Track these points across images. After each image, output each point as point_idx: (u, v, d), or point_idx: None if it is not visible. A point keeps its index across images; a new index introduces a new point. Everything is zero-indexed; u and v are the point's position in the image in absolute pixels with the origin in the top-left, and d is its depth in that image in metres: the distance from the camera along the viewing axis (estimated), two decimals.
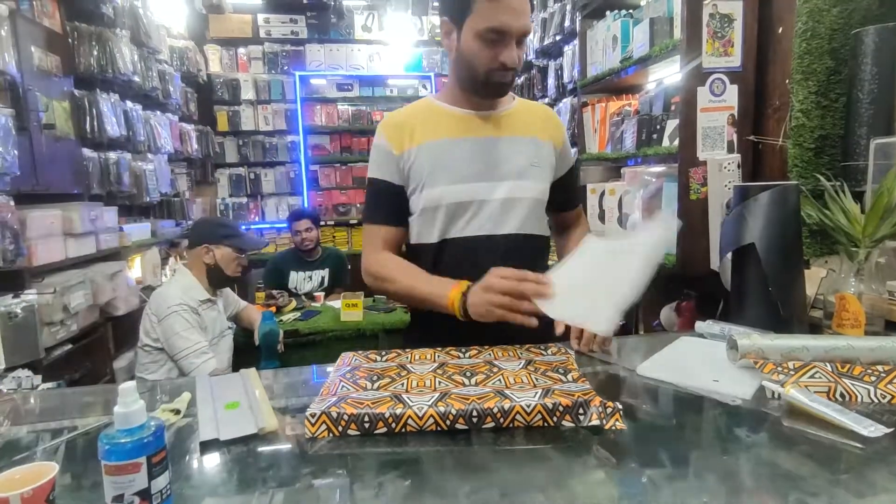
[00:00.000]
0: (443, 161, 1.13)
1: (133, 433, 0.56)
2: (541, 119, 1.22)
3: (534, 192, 1.16)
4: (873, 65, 1.21)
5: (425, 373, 0.91)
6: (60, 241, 2.17)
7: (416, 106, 1.22)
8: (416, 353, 1.01)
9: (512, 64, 1.05)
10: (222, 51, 4.93)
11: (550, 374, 0.89)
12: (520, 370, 0.91)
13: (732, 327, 1.12)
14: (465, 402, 0.77)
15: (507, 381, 0.86)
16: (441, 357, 1.00)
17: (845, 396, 0.84)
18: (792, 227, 1.10)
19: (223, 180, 5.00)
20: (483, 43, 1.04)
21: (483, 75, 1.08)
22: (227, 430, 0.77)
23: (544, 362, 0.94)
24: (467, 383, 0.86)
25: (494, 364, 0.94)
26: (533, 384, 0.84)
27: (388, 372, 0.92)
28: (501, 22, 1.02)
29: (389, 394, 0.82)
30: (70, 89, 2.56)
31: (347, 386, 0.87)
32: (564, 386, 0.82)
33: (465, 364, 0.95)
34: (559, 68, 3.29)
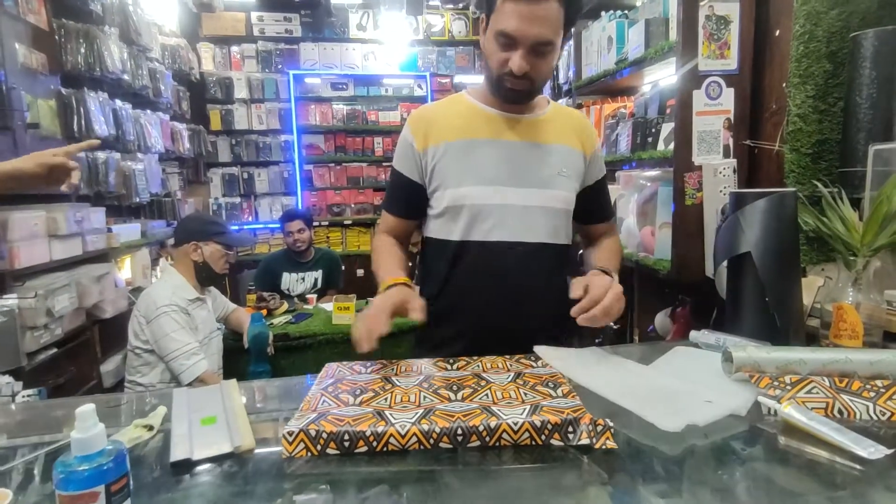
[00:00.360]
0: (469, 161, 1.12)
1: (91, 460, 0.53)
2: (573, 127, 1.19)
3: (560, 201, 1.15)
4: (872, 69, 1.18)
5: (410, 387, 0.89)
6: (45, 242, 2.13)
7: (450, 100, 1.21)
8: (402, 365, 0.99)
9: (518, 71, 1.02)
10: (215, 49, 4.88)
11: (540, 388, 0.86)
12: (508, 384, 0.88)
13: (727, 337, 1.09)
14: (449, 419, 0.74)
15: (495, 395, 0.84)
16: (428, 369, 0.97)
17: (843, 413, 0.81)
18: (789, 235, 1.07)
19: (216, 180, 4.94)
20: (497, 44, 1.03)
21: (496, 77, 1.07)
22: (201, 449, 0.73)
23: (534, 375, 0.92)
24: (453, 398, 0.83)
25: (482, 377, 0.92)
26: (521, 399, 0.81)
27: (372, 385, 0.90)
28: (513, 27, 0.99)
29: (372, 409, 0.79)
30: (57, 88, 2.51)
31: (328, 401, 0.84)
32: (554, 402, 0.80)
33: (452, 376, 0.93)
34: (554, 69, 3.26)
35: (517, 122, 1.15)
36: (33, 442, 0.81)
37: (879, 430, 0.77)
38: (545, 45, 1.02)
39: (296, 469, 0.70)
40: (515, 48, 1.01)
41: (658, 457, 0.71)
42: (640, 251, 1.69)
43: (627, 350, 1.23)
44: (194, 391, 0.95)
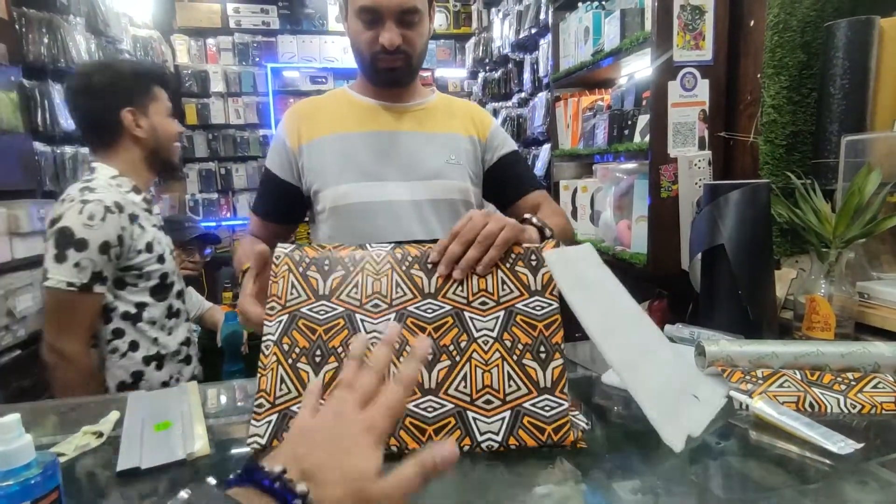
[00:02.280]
0: (349, 157, 1.03)
1: (16, 474, 0.49)
2: (461, 113, 1.13)
3: (453, 191, 1.07)
4: (845, 59, 1.18)
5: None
6: (6, 240, 2.05)
7: (330, 95, 1.13)
8: (368, 283, 0.74)
9: (391, 45, 0.95)
10: (190, 41, 4.76)
11: (528, 360, 0.70)
12: (492, 348, 0.70)
13: (701, 331, 1.08)
14: (421, 438, 0.66)
15: (475, 380, 0.68)
16: (400, 294, 0.73)
17: (815, 406, 0.81)
18: (762, 227, 1.06)
19: (192, 175, 4.83)
20: (362, 24, 0.96)
21: (369, 60, 1.00)
22: (151, 457, 0.69)
23: (527, 320, 0.71)
24: (426, 380, 0.69)
25: (464, 321, 0.71)
26: (503, 393, 0.68)
27: (334, 335, 0.71)
28: (369, 1, 0.93)
29: None
30: (18, 79, 2.41)
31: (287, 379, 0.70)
32: (538, 402, 0.68)
33: (428, 321, 0.71)
34: (535, 62, 3.24)
35: (399, 111, 1.07)
36: None
37: (851, 422, 0.76)
38: (412, 14, 0.96)
39: None
40: (381, 22, 0.95)
41: (632, 452, 0.69)
42: (617, 245, 1.68)
43: None
44: (152, 395, 0.91)
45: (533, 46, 3.31)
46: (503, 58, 3.88)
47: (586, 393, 0.90)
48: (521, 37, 3.35)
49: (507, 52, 3.67)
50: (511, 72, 3.77)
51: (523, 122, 3.49)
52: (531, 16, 3.20)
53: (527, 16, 3.27)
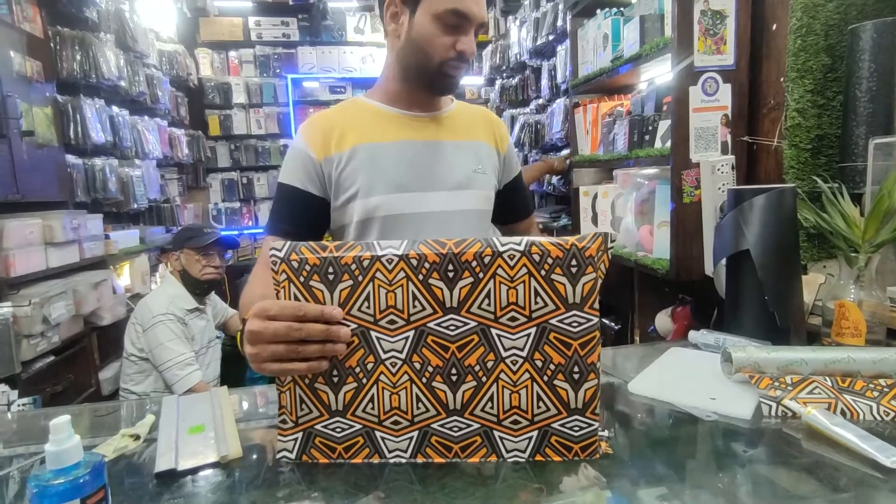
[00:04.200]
0: (378, 167, 1.00)
1: (66, 473, 0.51)
2: (483, 122, 1.12)
3: (481, 201, 1.07)
4: (871, 61, 1.16)
5: (398, 369, 0.67)
6: (41, 250, 2.12)
7: (343, 106, 1.08)
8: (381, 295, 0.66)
9: (471, 53, 0.95)
10: (213, 54, 4.88)
11: (560, 381, 0.65)
12: (521, 368, 0.65)
13: (727, 337, 1.07)
14: (447, 454, 0.67)
15: (502, 401, 0.66)
16: (418, 309, 0.66)
17: (846, 413, 0.79)
18: (789, 232, 1.05)
19: (215, 185, 4.95)
20: (441, 27, 0.94)
21: (437, 65, 0.96)
22: (187, 459, 0.72)
23: (561, 338, 0.65)
24: (451, 402, 0.66)
25: (491, 339, 0.66)
26: (531, 414, 0.66)
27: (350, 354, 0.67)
28: (466, 6, 0.92)
29: (360, 426, 0.68)
30: (52, 95, 2.51)
31: (307, 400, 0.68)
32: (567, 422, 0.66)
33: (451, 339, 0.66)
34: (552, 68, 3.24)
35: (424, 120, 1.05)
36: (20, 453, 0.79)
37: (884, 430, 0.75)
38: (482, 28, 0.97)
39: (285, 479, 0.69)
40: (463, 30, 0.94)
41: (656, 459, 0.69)
42: (639, 250, 1.67)
43: (626, 352, 1.21)
44: (185, 399, 0.94)
45: (550, 53, 3.31)
46: (520, 64, 3.89)
47: (610, 399, 0.90)
48: (538, 43, 3.36)
49: (525, 59, 3.68)
50: (528, 78, 3.78)
51: (541, 128, 3.50)
52: (548, 22, 3.21)
53: (544, 22, 3.28)
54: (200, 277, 2.15)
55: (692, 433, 0.78)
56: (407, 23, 0.97)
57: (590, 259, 0.63)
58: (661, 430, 0.81)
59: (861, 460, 0.66)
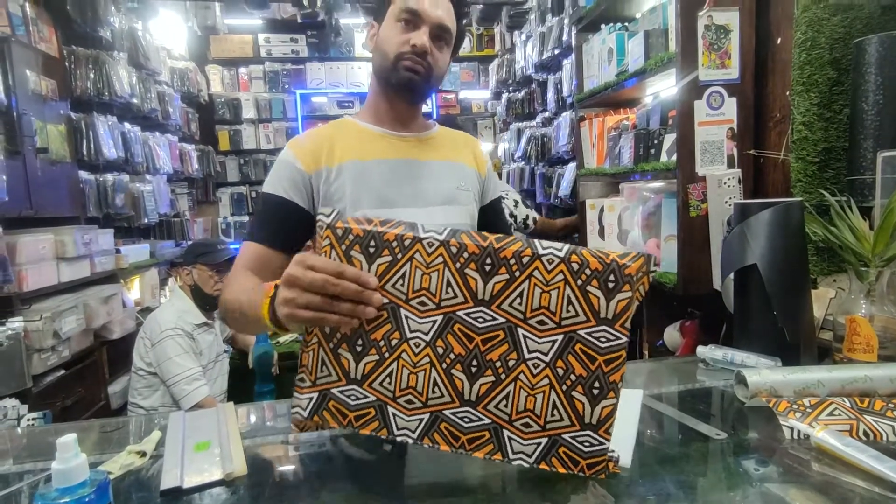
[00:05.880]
0: (367, 182, 1.04)
1: (72, 491, 0.52)
2: (464, 145, 1.18)
3: (465, 216, 1.10)
4: (877, 75, 1.16)
5: (421, 350, 0.67)
6: (53, 265, 2.15)
7: (333, 124, 1.13)
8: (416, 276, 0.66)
9: (422, 47, 0.99)
10: (223, 71, 4.97)
11: (578, 393, 0.64)
12: (542, 373, 0.65)
13: (735, 353, 1.06)
14: (453, 443, 0.66)
15: (517, 401, 0.65)
16: (450, 296, 0.66)
17: (869, 435, 0.77)
18: (796, 246, 1.04)
19: (225, 199, 5.00)
20: (399, 27, 1.01)
21: (393, 60, 1.01)
22: (192, 477, 0.72)
23: (587, 351, 0.64)
24: (467, 392, 0.66)
25: (517, 339, 0.65)
26: (544, 420, 0.65)
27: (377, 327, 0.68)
28: (416, 4, 1.00)
29: (374, 398, 0.67)
30: (66, 112, 2.56)
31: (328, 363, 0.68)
32: (578, 436, 0.65)
33: (478, 331, 0.66)
34: (558, 82, 3.27)
35: (408, 140, 1.10)
36: (28, 469, 0.80)
37: None
38: (445, 33, 1.02)
39: (289, 496, 0.69)
40: (417, 25, 1.00)
41: (666, 477, 0.68)
42: None
43: (635, 367, 1.20)
44: (191, 415, 0.94)
45: (556, 67, 3.34)
46: (526, 78, 3.92)
47: None
48: (544, 57, 3.39)
49: (531, 73, 3.71)
50: (535, 92, 3.80)
51: (547, 141, 3.51)
52: (554, 36, 3.24)
53: (549, 37, 3.31)
54: (212, 293, 2.16)
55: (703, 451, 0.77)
56: (377, 34, 1.05)
57: (628, 277, 0.62)
58: (669, 445, 0.80)
59: (875, 481, 0.65)
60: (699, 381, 1.06)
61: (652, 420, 0.86)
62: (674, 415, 0.87)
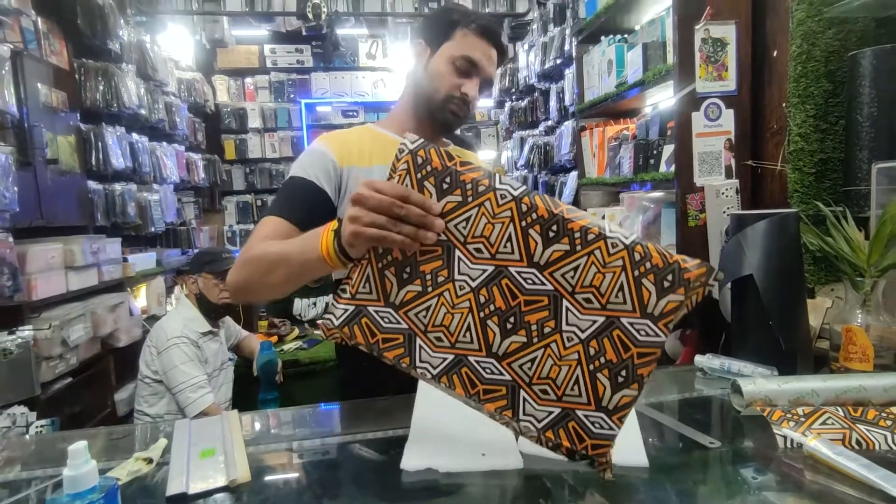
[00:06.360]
0: None
1: (82, 497, 0.54)
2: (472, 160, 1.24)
3: None
4: (871, 87, 1.17)
5: (463, 294, 0.68)
6: (61, 274, 2.19)
7: (359, 129, 1.15)
8: (480, 222, 0.67)
9: (472, 96, 1.06)
10: (230, 81, 5.03)
11: (603, 376, 0.65)
12: (573, 347, 0.65)
13: (732, 362, 1.07)
14: (469, 389, 0.68)
15: (541, 367, 0.66)
16: (507, 251, 0.66)
17: (862, 444, 0.78)
18: (792, 257, 1.06)
19: (230, 208, 5.05)
20: (453, 69, 1.06)
21: (442, 99, 1.07)
22: (197, 483, 0.74)
23: (624, 339, 0.64)
24: (496, 345, 0.67)
25: (559, 309, 0.66)
26: (562, 391, 0.65)
27: (428, 260, 0.69)
28: (476, 56, 1.05)
29: (406, 326, 0.69)
30: (76, 124, 2.61)
31: (372, 281, 0.70)
32: (591, 415, 0.65)
33: (523, 291, 0.66)
34: (560, 91, 3.30)
35: None
36: (37, 475, 0.82)
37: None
38: (488, 84, 1.09)
39: (293, 501, 0.70)
40: (471, 76, 1.06)
41: (664, 488, 0.70)
42: None
43: None
44: (196, 422, 0.96)
45: (558, 76, 3.37)
46: (529, 87, 3.95)
47: None
48: (546, 67, 3.43)
49: (534, 82, 3.74)
50: (537, 101, 3.84)
51: (550, 149, 3.54)
52: (556, 46, 3.28)
53: (552, 47, 3.35)
54: (218, 302, 2.18)
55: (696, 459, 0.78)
56: (427, 60, 1.09)
57: (686, 281, 0.61)
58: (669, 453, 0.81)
59: (866, 490, 0.66)
60: (697, 390, 1.07)
61: (647, 428, 0.87)
62: (669, 423, 0.88)
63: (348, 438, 0.91)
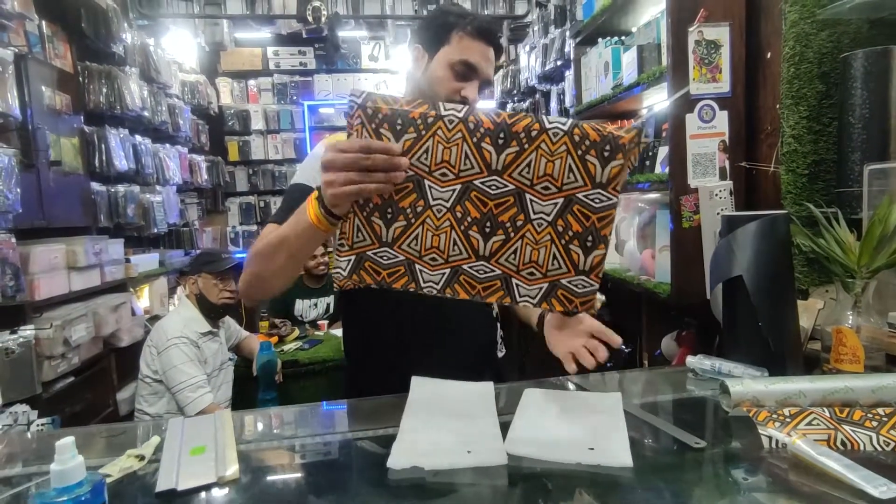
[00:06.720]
0: None
1: (69, 491, 0.55)
2: None
3: None
4: (863, 89, 1.18)
5: (442, 215, 0.76)
6: (64, 274, 2.21)
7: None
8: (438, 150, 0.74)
9: (473, 99, 1.07)
10: (233, 83, 5.07)
11: (574, 246, 0.75)
12: (544, 230, 0.75)
13: (723, 363, 1.08)
14: (470, 291, 0.79)
15: (523, 255, 0.76)
16: (468, 167, 0.74)
17: (847, 444, 0.78)
18: (782, 258, 1.06)
19: (233, 209, 5.08)
20: (452, 74, 1.07)
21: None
22: (186, 480, 0.75)
23: (583, 210, 0.73)
24: (482, 249, 0.77)
25: (524, 203, 0.74)
26: (545, 269, 0.77)
27: (404, 196, 0.76)
28: (474, 59, 1.06)
29: (403, 258, 0.78)
30: (80, 126, 2.64)
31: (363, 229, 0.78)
32: (573, 280, 0.77)
33: (491, 197, 0.74)
34: (561, 93, 3.30)
35: None
36: (34, 471, 0.83)
37: (887, 460, 0.74)
38: (487, 86, 1.10)
39: (279, 499, 0.71)
40: (470, 79, 1.06)
41: (644, 487, 0.70)
42: (642, 274, 1.68)
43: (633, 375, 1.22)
44: (189, 421, 0.97)
45: (559, 78, 3.38)
46: (530, 89, 3.96)
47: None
48: (546, 69, 3.43)
49: (534, 84, 3.75)
50: (538, 102, 3.84)
51: None
52: (556, 48, 3.28)
53: (552, 48, 3.35)
54: (217, 302, 2.20)
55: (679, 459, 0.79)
56: (425, 65, 1.11)
57: (622, 146, 0.69)
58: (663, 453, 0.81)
59: (850, 492, 0.66)
60: (688, 391, 1.08)
61: (635, 428, 0.87)
62: (656, 423, 0.89)
63: (338, 437, 0.92)
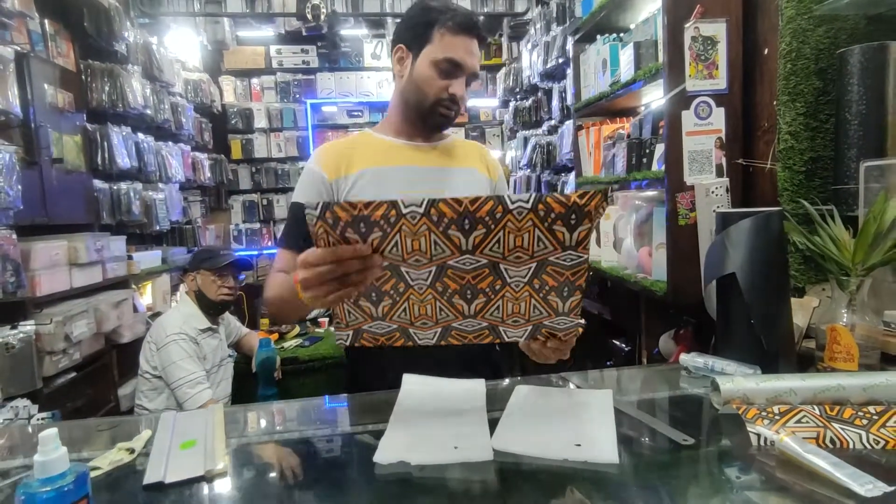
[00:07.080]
0: (385, 188, 1.10)
1: (52, 482, 0.56)
2: (475, 152, 1.25)
3: None
4: (860, 85, 1.17)
5: (424, 290, 0.80)
6: (65, 271, 2.23)
7: (353, 137, 1.21)
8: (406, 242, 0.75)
9: (461, 96, 1.08)
10: (236, 81, 5.08)
11: (552, 297, 0.79)
12: (522, 289, 0.79)
13: (716, 360, 1.07)
14: (463, 339, 0.87)
15: (506, 310, 0.82)
16: (440, 252, 0.76)
17: (836, 442, 0.78)
18: (775, 255, 1.05)
19: (237, 206, 5.10)
20: (437, 72, 1.07)
21: (431, 103, 1.09)
22: (175, 473, 0.75)
23: (556, 269, 0.77)
24: (466, 311, 0.83)
25: (499, 271, 0.77)
26: (528, 316, 0.83)
27: (385, 281, 0.79)
28: (460, 55, 1.06)
29: (397, 326, 0.85)
30: (82, 124, 2.65)
31: (354, 311, 0.83)
32: (555, 320, 0.83)
33: (467, 272, 0.78)
34: (563, 91, 3.29)
35: (425, 149, 1.17)
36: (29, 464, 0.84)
37: (880, 460, 0.74)
38: (474, 78, 1.10)
39: (266, 493, 0.72)
40: (456, 76, 1.07)
41: (629, 484, 0.70)
42: (639, 272, 1.67)
43: (630, 373, 1.21)
44: (181, 415, 0.98)
45: (560, 75, 3.37)
46: (532, 87, 3.95)
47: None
48: (548, 66, 3.42)
49: (536, 82, 3.74)
50: (540, 100, 3.83)
51: (553, 149, 3.53)
52: (557, 46, 3.27)
53: (553, 46, 3.34)
54: (216, 298, 2.22)
55: (667, 456, 0.78)
56: (410, 66, 1.11)
57: (587, 213, 0.72)
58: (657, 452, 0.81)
59: (836, 489, 0.66)
60: (681, 389, 1.07)
61: (624, 425, 0.87)
62: (646, 420, 0.89)
63: (328, 432, 0.92)
